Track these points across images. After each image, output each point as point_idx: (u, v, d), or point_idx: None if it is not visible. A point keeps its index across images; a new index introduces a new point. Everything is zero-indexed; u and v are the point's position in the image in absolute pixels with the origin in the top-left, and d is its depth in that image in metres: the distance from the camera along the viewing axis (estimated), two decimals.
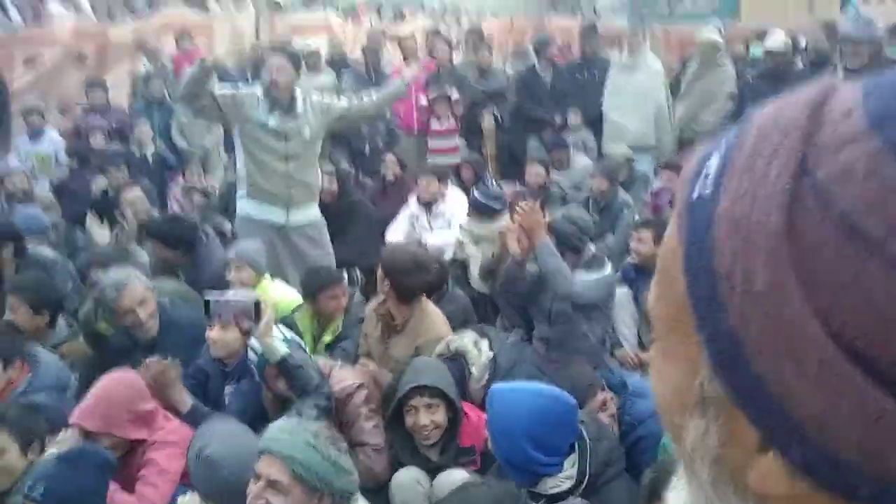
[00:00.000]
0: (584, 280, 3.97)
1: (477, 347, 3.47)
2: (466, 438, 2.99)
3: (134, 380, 2.95)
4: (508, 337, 4.25)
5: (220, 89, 4.69)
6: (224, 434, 2.63)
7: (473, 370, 3.39)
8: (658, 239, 5.65)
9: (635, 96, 7.17)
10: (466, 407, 3.08)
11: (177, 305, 3.71)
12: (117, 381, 2.91)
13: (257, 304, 2.93)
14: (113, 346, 3.60)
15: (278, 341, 2.96)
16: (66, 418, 2.90)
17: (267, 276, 4.22)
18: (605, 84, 7.42)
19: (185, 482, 2.71)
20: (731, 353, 0.41)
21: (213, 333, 3.18)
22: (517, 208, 4.11)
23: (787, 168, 0.40)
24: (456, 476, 2.87)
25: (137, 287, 3.46)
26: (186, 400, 3.07)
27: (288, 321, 3.71)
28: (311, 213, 4.83)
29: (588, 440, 2.55)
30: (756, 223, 0.40)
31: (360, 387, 3.20)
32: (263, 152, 4.67)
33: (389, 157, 6.40)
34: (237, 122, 4.67)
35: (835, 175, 0.39)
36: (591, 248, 4.29)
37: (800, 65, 6.78)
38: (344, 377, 3.22)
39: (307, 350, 3.46)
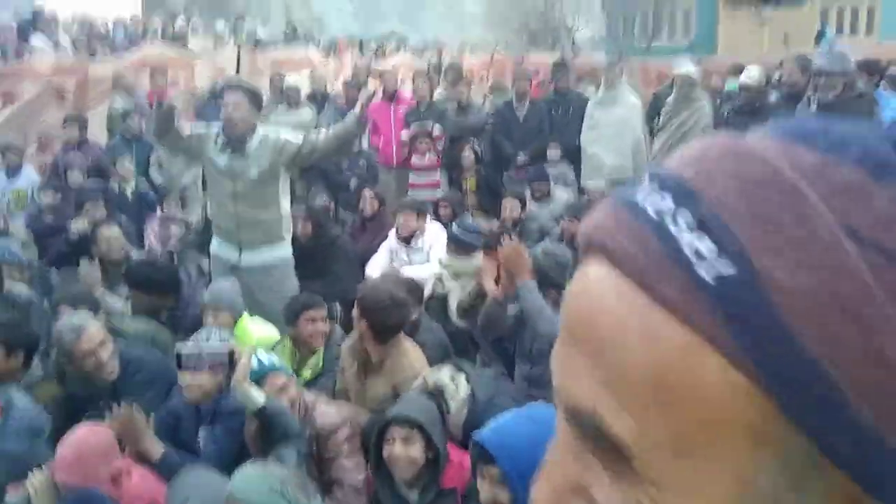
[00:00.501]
0: None
1: (454, 382, 3.42)
2: (448, 480, 2.92)
3: (107, 433, 2.90)
4: (485, 371, 4.22)
5: (192, 128, 4.69)
6: (203, 487, 2.57)
7: (452, 404, 3.34)
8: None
9: (613, 130, 7.26)
10: (450, 448, 3.02)
11: (133, 347, 3.72)
12: (93, 433, 2.87)
13: (231, 354, 2.88)
14: (74, 393, 3.59)
15: (255, 390, 2.89)
16: (37, 465, 2.86)
17: (245, 314, 4.18)
18: (584, 118, 7.50)
19: None
20: (863, 438, 0.38)
21: (187, 378, 3.14)
22: (500, 247, 4.10)
23: (830, 227, 0.39)
24: None
25: (95, 330, 3.49)
26: (157, 448, 3.00)
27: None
28: (266, 256, 4.69)
29: None
30: (845, 292, 0.37)
31: (343, 422, 3.17)
32: (217, 191, 4.69)
33: (367, 193, 6.39)
34: (199, 159, 4.71)
35: (874, 223, 0.39)
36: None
37: (773, 98, 6.86)
38: (328, 412, 3.20)
39: (291, 374, 3.38)
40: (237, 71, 10.06)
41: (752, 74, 6.78)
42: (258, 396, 2.86)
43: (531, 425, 2.43)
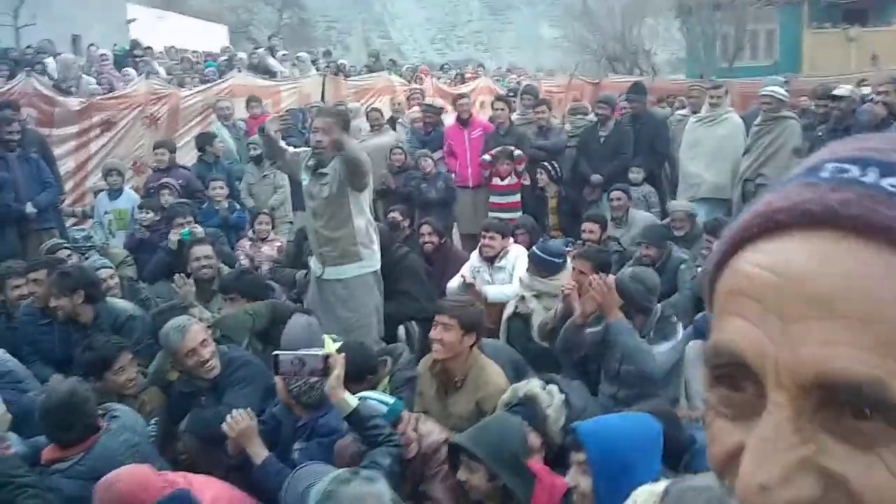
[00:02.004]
0: (660, 351, 3.98)
1: (546, 391, 3.43)
2: (536, 501, 2.84)
3: (143, 469, 2.85)
4: (573, 383, 4.21)
5: (294, 149, 5.02)
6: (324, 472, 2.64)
7: (549, 412, 3.31)
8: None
9: (714, 149, 7.19)
10: (540, 471, 2.95)
11: (235, 349, 3.98)
12: (128, 471, 2.81)
13: (326, 359, 2.95)
14: (179, 390, 3.81)
15: (348, 394, 2.97)
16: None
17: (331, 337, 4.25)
18: (684, 136, 7.47)
19: None
20: None
21: (280, 384, 3.26)
22: (592, 282, 4.13)
23: None
24: None
25: (197, 328, 3.76)
26: (262, 452, 3.12)
27: None
28: (345, 270, 4.86)
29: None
30: None
31: (444, 442, 3.18)
32: (306, 208, 5.03)
33: (425, 228, 6.25)
34: (298, 177, 5.00)
35: None
36: (658, 307, 4.28)
37: (865, 118, 6.65)
38: (431, 430, 3.24)
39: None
40: (322, 98, 10.35)
41: (843, 88, 6.62)
42: (351, 399, 2.94)
43: (627, 425, 2.47)
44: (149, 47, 13.78)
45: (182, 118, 9.73)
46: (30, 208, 6.84)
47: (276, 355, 2.97)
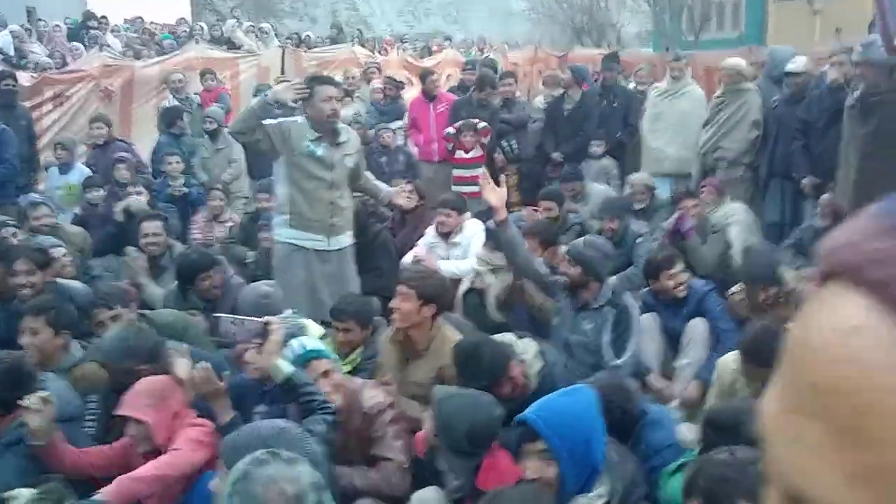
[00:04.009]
0: (626, 362, 4.06)
1: (521, 341, 3.53)
2: (488, 483, 2.84)
3: (172, 378, 3.15)
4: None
5: (266, 120, 4.77)
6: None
7: (526, 357, 3.42)
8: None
9: (677, 123, 7.17)
10: (500, 454, 2.95)
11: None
12: (159, 377, 3.17)
13: (266, 324, 2.95)
14: None
15: (283, 361, 2.97)
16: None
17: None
18: (647, 109, 7.43)
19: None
20: None
21: (250, 356, 3.26)
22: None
23: None
24: None
25: None
26: (229, 413, 3.10)
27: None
28: (347, 239, 4.99)
29: (613, 460, 2.50)
30: None
31: (390, 405, 3.27)
32: (310, 180, 4.79)
33: (407, 187, 6.36)
34: (284, 152, 4.77)
35: None
36: (609, 281, 4.28)
37: (820, 89, 6.64)
38: (375, 394, 3.28)
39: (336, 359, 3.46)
40: (282, 71, 10.17)
41: (797, 63, 6.58)
42: (285, 367, 2.94)
43: (575, 403, 2.44)
44: (103, 17, 13.41)
45: (138, 91, 9.51)
46: None
47: (218, 317, 2.97)
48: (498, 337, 3.57)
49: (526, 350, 3.45)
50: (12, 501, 2.53)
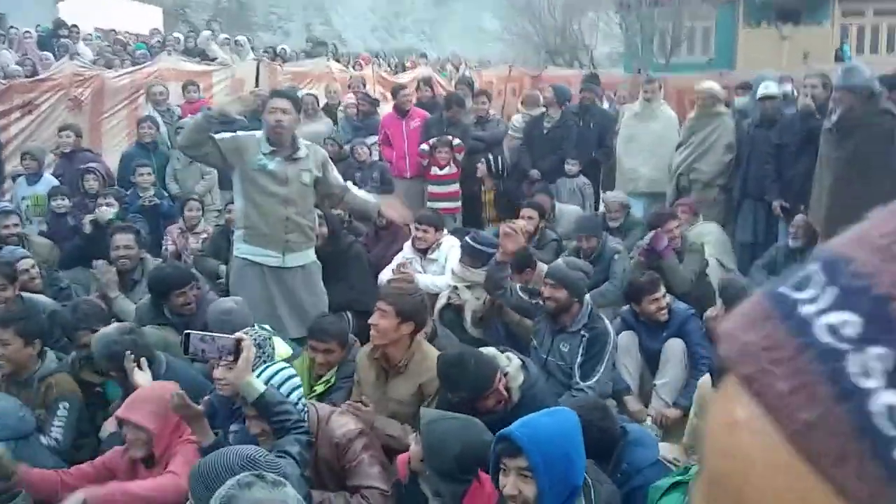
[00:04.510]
0: (598, 382, 4.08)
1: (504, 355, 3.50)
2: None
3: (175, 386, 3.09)
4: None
5: (220, 134, 4.63)
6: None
7: (509, 370, 3.39)
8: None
9: (651, 143, 7.24)
10: (484, 479, 2.90)
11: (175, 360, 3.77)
12: (162, 384, 3.17)
13: (238, 343, 2.87)
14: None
15: (255, 379, 2.89)
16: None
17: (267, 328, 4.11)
18: (620, 130, 7.49)
19: None
20: None
21: (218, 373, 3.20)
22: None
23: None
24: None
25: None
26: (210, 434, 3.02)
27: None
28: (306, 256, 4.76)
29: (591, 482, 2.48)
30: None
31: (361, 432, 3.18)
32: (262, 195, 4.60)
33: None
34: (237, 165, 4.62)
35: None
36: (587, 298, 4.30)
37: (791, 111, 6.74)
38: (345, 422, 3.20)
39: (302, 389, 3.35)
40: (256, 84, 10.09)
41: (769, 87, 6.67)
42: (258, 385, 2.86)
43: (558, 423, 2.42)
44: (74, 26, 13.23)
45: (108, 101, 9.37)
46: None
47: (187, 334, 2.89)
48: (482, 349, 3.55)
49: (509, 363, 3.42)
50: None
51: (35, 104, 8.85)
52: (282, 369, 3.19)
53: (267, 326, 3.78)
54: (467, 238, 5.20)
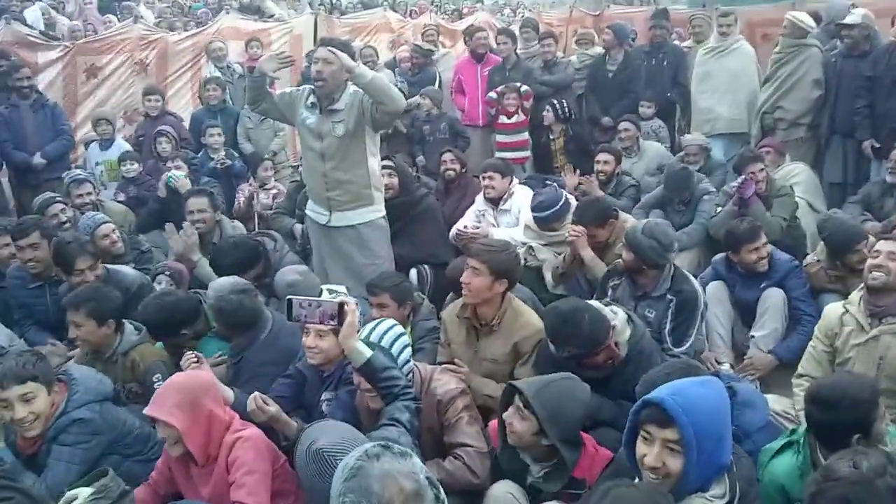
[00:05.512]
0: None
1: (609, 308, 3.34)
2: (579, 470, 2.75)
3: (207, 375, 3.02)
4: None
5: (282, 90, 4.57)
6: (333, 428, 2.57)
7: (615, 323, 3.23)
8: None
9: (727, 82, 6.87)
10: (586, 439, 2.84)
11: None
12: (192, 374, 3.05)
13: (341, 306, 2.73)
14: None
15: (361, 344, 2.78)
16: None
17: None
18: (694, 69, 7.14)
19: None
20: None
21: (309, 340, 3.14)
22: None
23: None
24: None
25: None
26: (293, 425, 2.92)
27: None
28: (356, 215, 4.56)
29: (732, 459, 2.30)
30: None
31: (462, 391, 3.12)
32: (306, 150, 4.59)
33: (447, 156, 6.16)
34: (293, 119, 4.59)
35: None
36: (671, 265, 4.03)
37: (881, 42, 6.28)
38: (447, 380, 3.14)
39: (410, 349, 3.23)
40: (315, 39, 9.95)
41: (855, 15, 6.21)
42: (364, 350, 2.76)
43: (710, 393, 2.22)
44: None
45: (172, 63, 9.37)
46: (37, 159, 6.78)
47: (290, 299, 2.77)
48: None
49: (614, 316, 3.25)
50: (73, 502, 2.43)
51: (98, 67, 8.89)
52: (392, 326, 3.11)
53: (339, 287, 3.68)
54: (531, 209, 5.00)
